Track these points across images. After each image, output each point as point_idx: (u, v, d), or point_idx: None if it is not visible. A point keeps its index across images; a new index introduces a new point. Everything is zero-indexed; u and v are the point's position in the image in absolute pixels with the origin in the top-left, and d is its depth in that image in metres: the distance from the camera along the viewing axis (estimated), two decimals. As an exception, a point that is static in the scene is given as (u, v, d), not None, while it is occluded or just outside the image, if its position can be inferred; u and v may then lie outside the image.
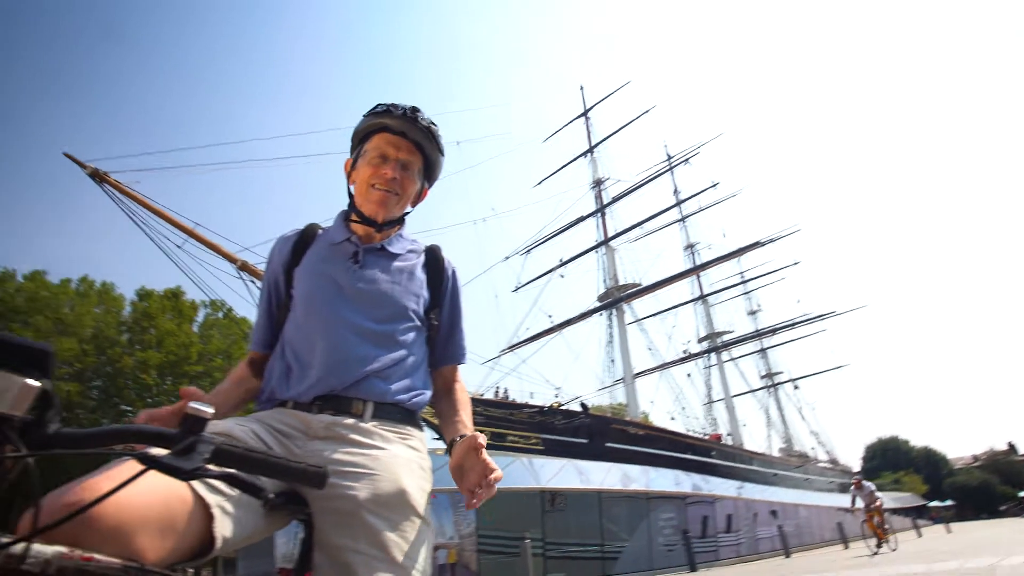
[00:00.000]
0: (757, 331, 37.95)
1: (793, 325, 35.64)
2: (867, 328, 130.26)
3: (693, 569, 12.42)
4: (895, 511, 27.17)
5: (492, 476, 1.06)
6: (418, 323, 1.29)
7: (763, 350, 43.13)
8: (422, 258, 1.37)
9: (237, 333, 27.03)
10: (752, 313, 43.07)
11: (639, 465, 16.79)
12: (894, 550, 11.78)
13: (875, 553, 11.24)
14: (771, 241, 28.70)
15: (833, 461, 44.45)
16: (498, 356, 26.74)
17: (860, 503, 12.14)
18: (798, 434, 43.78)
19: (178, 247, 12.68)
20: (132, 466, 0.70)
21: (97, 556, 0.66)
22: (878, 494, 12.22)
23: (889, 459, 61.35)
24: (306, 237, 1.35)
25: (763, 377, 43.92)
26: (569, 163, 34.35)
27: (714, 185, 34.62)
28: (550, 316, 29.09)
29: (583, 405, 19.26)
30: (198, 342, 26.93)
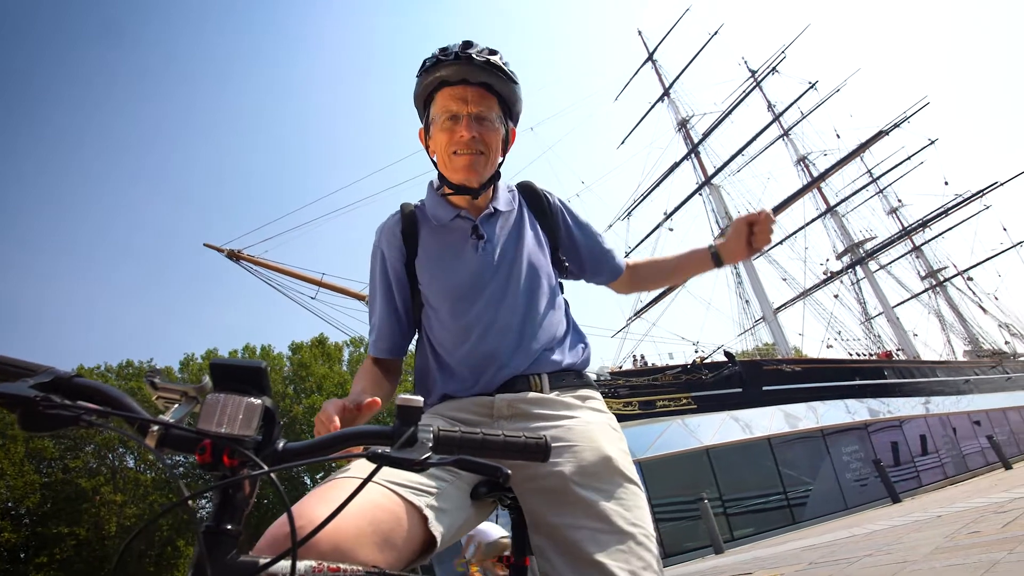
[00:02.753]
0: (904, 229, 33.65)
1: (947, 211, 31.14)
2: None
3: (897, 500, 11.33)
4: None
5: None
6: (552, 274, 1.24)
7: (917, 248, 38.27)
8: (523, 203, 1.28)
9: (380, 363, 29.91)
10: (893, 211, 38.36)
11: (803, 403, 15.70)
12: None
13: None
14: (896, 126, 25.23)
15: (1039, 350, 38.39)
16: (626, 325, 26.26)
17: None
18: (984, 330, 38.34)
19: (312, 298, 14.02)
20: (363, 466, 0.71)
21: (343, 566, 0.70)
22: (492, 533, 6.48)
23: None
24: (410, 221, 1.22)
25: (924, 278, 39.00)
26: (647, 113, 32.86)
27: (812, 86, 31.32)
28: (667, 273, 28.01)
29: (727, 354, 18.30)
30: (350, 379, 29.70)
